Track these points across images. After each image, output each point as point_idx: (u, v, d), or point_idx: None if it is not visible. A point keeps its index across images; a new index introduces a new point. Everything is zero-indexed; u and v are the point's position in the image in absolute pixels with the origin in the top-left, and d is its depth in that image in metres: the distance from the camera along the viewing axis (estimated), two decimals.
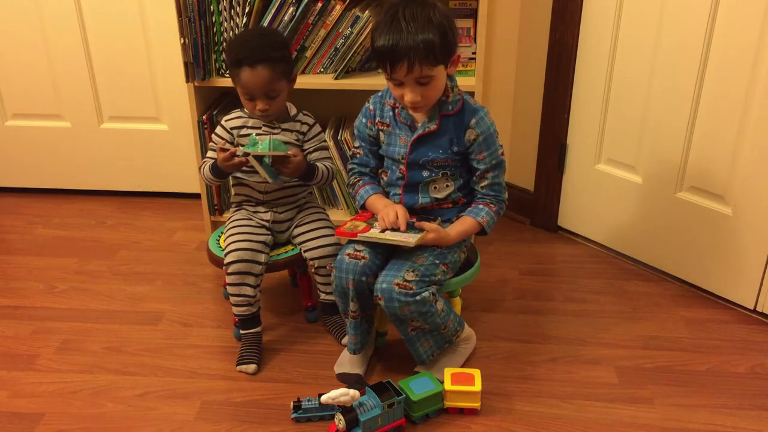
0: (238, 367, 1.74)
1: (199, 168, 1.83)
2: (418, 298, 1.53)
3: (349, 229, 1.61)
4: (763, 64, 1.73)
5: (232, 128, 1.77)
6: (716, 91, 1.85)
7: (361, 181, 1.73)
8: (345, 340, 1.79)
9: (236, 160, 1.65)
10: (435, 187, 1.65)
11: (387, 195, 1.71)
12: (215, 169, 1.73)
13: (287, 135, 1.78)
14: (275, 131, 1.77)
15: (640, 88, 2.01)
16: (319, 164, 1.78)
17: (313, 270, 1.83)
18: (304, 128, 1.80)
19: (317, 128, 1.83)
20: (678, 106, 1.93)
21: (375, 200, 1.68)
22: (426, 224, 1.58)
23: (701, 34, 1.82)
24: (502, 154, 1.63)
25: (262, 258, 1.74)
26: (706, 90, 1.86)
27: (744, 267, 1.92)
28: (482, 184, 1.63)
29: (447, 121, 1.59)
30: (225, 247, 1.75)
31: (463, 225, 1.62)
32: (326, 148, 1.85)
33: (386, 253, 1.63)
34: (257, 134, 1.74)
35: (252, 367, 1.73)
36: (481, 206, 1.63)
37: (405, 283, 1.53)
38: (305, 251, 1.80)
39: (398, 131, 1.64)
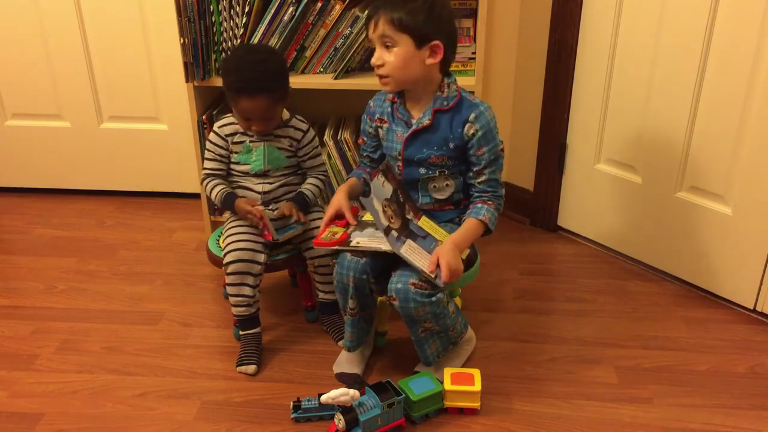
0: (238, 368, 1.74)
1: (202, 181, 1.84)
2: (434, 299, 1.53)
3: (326, 238, 1.60)
4: (762, 63, 1.73)
5: (226, 135, 1.79)
6: (716, 90, 1.85)
7: (358, 165, 1.82)
8: (342, 342, 1.79)
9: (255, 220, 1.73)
10: (434, 186, 1.64)
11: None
12: (226, 204, 1.78)
13: (281, 141, 1.80)
14: (268, 137, 1.78)
15: (639, 87, 2.01)
16: (305, 190, 1.82)
17: (312, 269, 1.83)
18: (298, 135, 1.82)
19: (311, 134, 1.84)
20: (678, 105, 1.93)
21: (342, 186, 1.70)
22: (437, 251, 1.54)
23: (701, 34, 1.82)
24: (502, 150, 1.61)
25: (261, 258, 1.74)
26: (705, 90, 1.87)
27: (744, 267, 1.92)
28: (479, 180, 1.61)
29: (441, 117, 1.58)
30: (224, 247, 1.75)
31: (467, 229, 1.58)
32: (319, 154, 1.88)
33: (389, 253, 1.63)
34: (251, 141, 1.78)
35: (252, 368, 1.73)
36: (479, 205, 1.61)
37: (421, 283, 1.51)
38: (305, 250, 1.81)
39: (395, 127, 1.64)
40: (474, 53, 2.08)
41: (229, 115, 1.81)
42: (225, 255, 1.73)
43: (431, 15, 1.49)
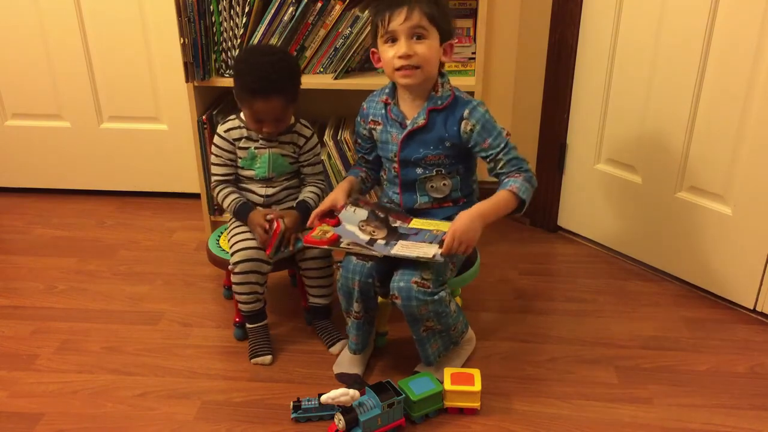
0: (253, 360, 1.74)
1: (214, 188, 1.82)
2: (436, 297, 1.53)
3: (317, 237, 1.60)
4: (762, 63, 1.73)
5: (233, 140, 1.78)
6: (716, 90, 1.85)
7: (354, 165, 1.84)
8: (334, 349, 1.79)
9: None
10: (432, 186, 1.65)
11: (368, 182, 1.79)
12: (240, 215, 1.77)
13: (285, 147, 1.80)
14: (272, 143, 1.78)
15: (639, 87, 2.01)
16: (308, 198, 1.81)
17: (300, 271, 1.83)
18: (301, 141, 1.81)
19: (314, 140, 1.84)
20: (678, 105, 1.93)
21: (342, 183, 1.72)
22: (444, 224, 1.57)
23: (701, 34, 1.82)
24: (508, 134, 1.61)
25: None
26: (705, 89, 1.87)
27: (744, 267, 1.92)
28: (499, 167, 1.60)
29: (436, 116, 1.59)
30: (231, 247, 1.74)
31: (496, 198, 1.57)
32: (319, 162, 1.87)
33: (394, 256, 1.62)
34: (256, 148, 1.78)
35: (268, 358, 1.74)
36: (506, 180, 1.59)
37: (423, 281, 1.52)
38: (296, 252, 1.79)
39: (390, 128, 1.64)
40: (474, 53, 2.08)
41: (232, 117, 1.80)
42: (233, 254, 1.72)
43: (450, 16, 1.56)
